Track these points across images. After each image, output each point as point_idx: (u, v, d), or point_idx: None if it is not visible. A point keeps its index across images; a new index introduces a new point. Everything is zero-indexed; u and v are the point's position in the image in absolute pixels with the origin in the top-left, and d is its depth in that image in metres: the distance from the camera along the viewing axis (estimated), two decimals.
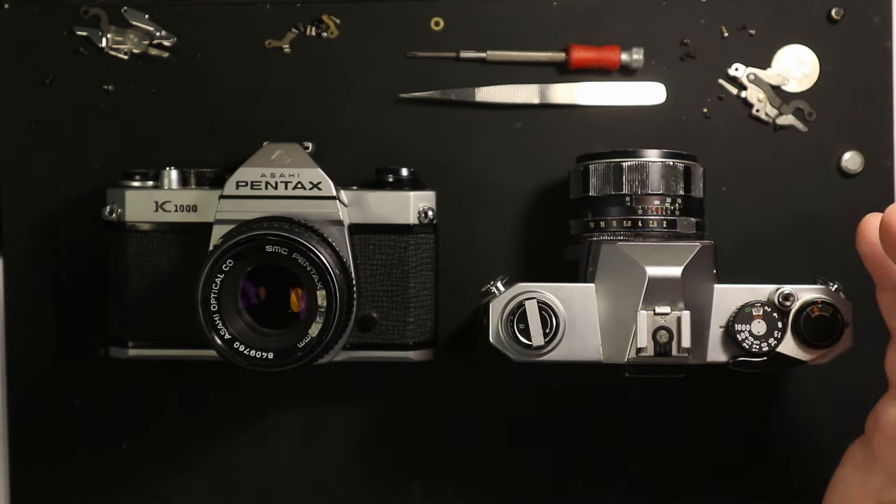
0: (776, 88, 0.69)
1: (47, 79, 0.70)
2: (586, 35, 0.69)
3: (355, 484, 0.71)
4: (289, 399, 0.70)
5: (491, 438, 0.70)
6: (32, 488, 0.71)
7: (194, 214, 0.64)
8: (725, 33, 0.69)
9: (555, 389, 0.70)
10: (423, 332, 0.65)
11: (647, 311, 0.57)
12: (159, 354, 0.65)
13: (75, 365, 0.70)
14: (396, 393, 0.70)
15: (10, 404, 0.70)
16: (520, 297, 0.58)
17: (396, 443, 0.70)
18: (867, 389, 0.59)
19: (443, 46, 0.69)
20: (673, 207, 0.61)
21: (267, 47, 0.70)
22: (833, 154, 0.69)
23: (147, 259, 0.64)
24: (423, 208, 0.64)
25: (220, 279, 0.57)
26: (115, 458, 0.70)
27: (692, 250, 0.58)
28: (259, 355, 0.58)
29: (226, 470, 0.70)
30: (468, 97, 0.69)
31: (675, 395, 0.70)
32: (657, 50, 0.69)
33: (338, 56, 0.70)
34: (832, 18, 0.69)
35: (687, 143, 0.68)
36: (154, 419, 0.70)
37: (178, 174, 0.65)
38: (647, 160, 0.61)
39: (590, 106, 0.69)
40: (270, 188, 0.62)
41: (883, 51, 0.69)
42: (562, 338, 0.58)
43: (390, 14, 0.70)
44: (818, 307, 0.58)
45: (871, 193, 0.69)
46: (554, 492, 0.70)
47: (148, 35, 0.69)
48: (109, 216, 0.64)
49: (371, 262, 0.64)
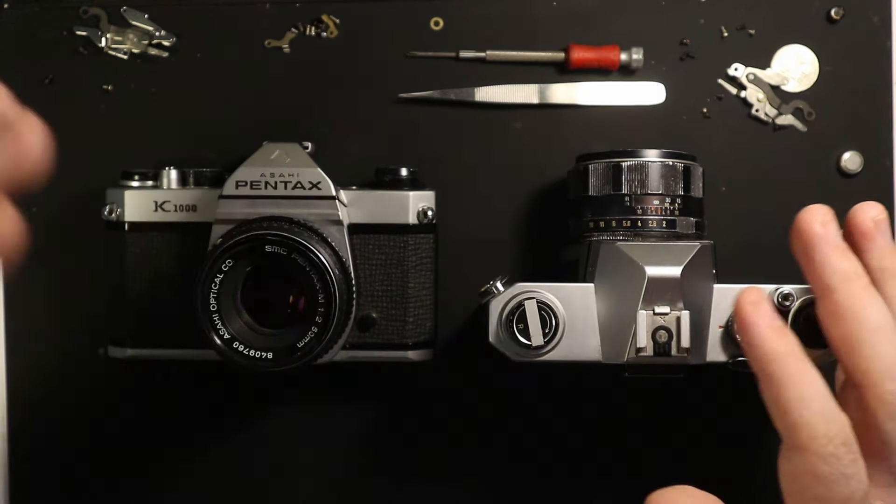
0: (776, 88, 0.69)
1: (47, 79, 0.70)
2: (586, 35, 0.69)
3: (355, 484, 0.71)
4: (289, 399, 0.70)
5: (491, 438, 0.70)
6: (33, 488, 0.71)
7: (194, 214, 0.64)
8: (725, 33, 0.69)
9: (554, 389, 0.70)
10: (422, 331, 0.65)
11: (646, 311, 0.57)
12: (159, 354, 0.65)
13: (75, 365, 0.70)
14: (396, 393, 0.70)
15: (10, 404, 0.70)
16: (519, 297, 0.58)
17: (396, 443, 0.70)
18: None
19: (442, 46, 0.70)
20: (672, 207, 0.61)
21: (267, 47, 0.70)
22: (833, 154, 0.69)
23: (147, 259, 0.64)
24: (422, 208, 0.64)
25: (220, 279, 0.58)
26: (116, 458, 0.70)
27: (692, 250, 0.58)
28: (259, 355, 0.58)
29: (226, 470, 0.70)
30: (468, 97, 0.69)
31: (674, 395, 0.70)
32: (657, 50, 0.69)
33: (338, 56, 0.70)
34: (832, 18, 0.69)
35: (686, 143, 0.68)
36: (154, 419, 0.70)
37: (177, 174, 0.65)
38: (646, 160, 0.61)
39: (589, 106, 0.69)
40: (270, 188, 0.62)
41: (882, 51, 0.69)
42: (561, 338, 0.58)
43: (390, 14, 0.70)
44: None
45: (871, 193, 0.69)
46: (554, 492, 0.70)
47: (148, 35, 0.69)
48: (109, 216, 0.64)
49: (370, 262, 0.64)
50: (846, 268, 0.49)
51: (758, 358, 0.48)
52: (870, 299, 0.49)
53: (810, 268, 0.50)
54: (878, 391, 0.48)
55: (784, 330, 0.49)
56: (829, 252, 0.50)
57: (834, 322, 0.49)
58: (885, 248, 0.52)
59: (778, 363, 0.48)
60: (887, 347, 0.48)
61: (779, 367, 0.48)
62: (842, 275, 0.49)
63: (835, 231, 0.50)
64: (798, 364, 0.48)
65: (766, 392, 0.48)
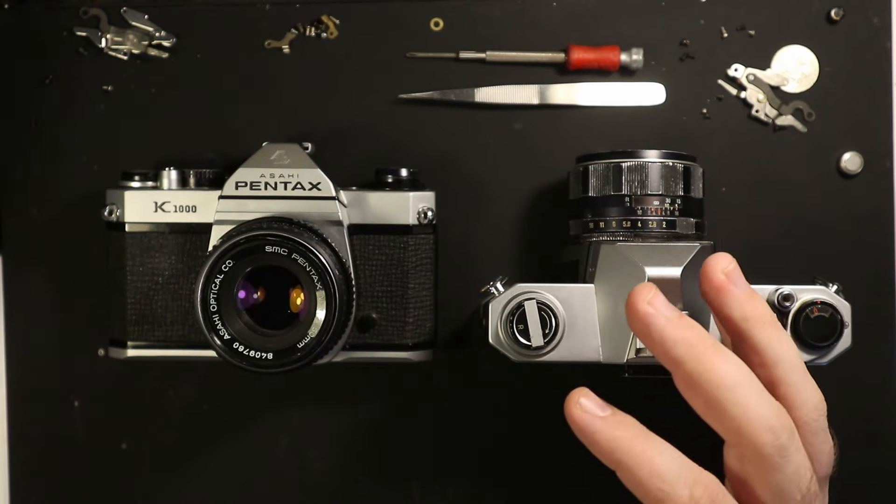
0: (776, 89, 0.69)
1: (47, 79, 0.70)
2: (586, 35, 0.69)
3: (355, 484, 0.71)
4: (289, 399, 0.70)
5: (491, 438, 0.70)
6: (33, 488, 0.71)
7: (194, 215, 0.64)
8: (725, 34, 0.70)
9: (554, 390, 0.70)
10: (422, 332, 0.65)
11: None
12: (159, 355, 0.65)
13: (75, 365, 0.70)
14: (396, 393, 0.70)
15: (10, 404, 0.71)
16: (519, 298, 0.58)
17: (396, 443, 0.70)
18: (867, 389, 0.59)
19: (442, 47, 0.70)
20: (672, 208, 0.61)
21: (267, 47, 0.70)
22: (832, 154, 0.69)
23: (147, 259, 0.64)
24: (422, 208, 0.64)
25: (220, 279, 0.57)
26: (115, 458, 0.70)
27: (692, 251, 0.58)
28: (259, 356, 0.58)
29: (226, 470, 0.70)
30: (468, 98, 0.69)
31: (674, 396, 0.70)
32: (657, 50, 0.69)
33: (338, 56, 0.70)
34: (831, 19, 0.69)
35: (686, 144, 0.68)
36: (154, 419, 0.70)
37: (177, 174, 0.65)
38: (646, 161, 0.61)
39: (589, 106, 0.69)
40: (270, 188, 0.62)
41: (882, 51, 0.69)
42: (561, 338, 0.58)
43: (390, 14, 0.70)
44: (817, 308, 0.58)
45: (871, 194, 0.69)
46: (554, 491, 0.70)
47: (147, 35, 0.69)
48: (109, 217, 0.64)
49: (370, 263, 0.64)
50: (686, 336, 0.49)
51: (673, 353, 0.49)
52: (719, 358, 0.48)
53: (654, 348, 0.50)
54: (755, 446, 0.48)
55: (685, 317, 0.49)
56: (664, 327, 0.49)
57: (693, 392, 0.49)
58: (742, 297, 0.51)
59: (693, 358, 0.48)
60: (752, 400, 0.48)
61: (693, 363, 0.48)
62: (684, 344, 0.49)
63: (663, 304, 0.49)
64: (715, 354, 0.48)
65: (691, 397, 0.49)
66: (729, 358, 0.49)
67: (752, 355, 0.51)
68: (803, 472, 0.49)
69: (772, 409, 0.48)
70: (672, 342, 0.49)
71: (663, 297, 0.50)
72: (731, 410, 0.48)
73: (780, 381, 0.50)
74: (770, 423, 0.48)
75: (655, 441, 0.49)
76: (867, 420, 0.69)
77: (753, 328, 0.51)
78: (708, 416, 0.49)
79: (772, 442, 0.48)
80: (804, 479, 0.49)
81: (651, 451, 0.48)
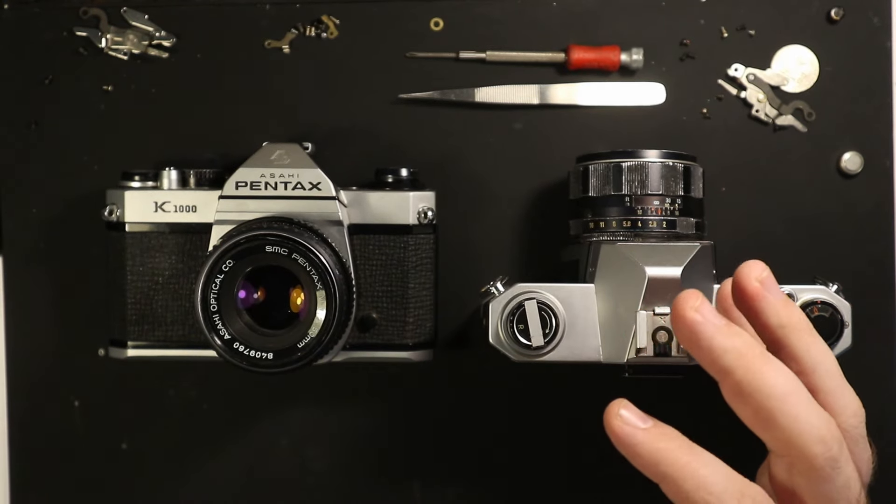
0: (776, 89, 0.69)
1: (47, 79, 0.70)
2: (586, 35, 0.69)
3: (355, 484, 0.71)
4: (289, 399, 0.70)
5: (491, 438, 0.70)
6: (33, 488, 0.71)
7: (194, 215, 0.64)
8: (725, 34, 0.70)
9: (554, 390, 0.70)
10: (422, 332, 0.65)
11: (646, 312, 0.57)
12: (159, 355, 0.65)
13: (75, 365, 0.70)
14: (396, 393, 0.70)
15: (10, 404, 0.71)
16: (519, 298, 0.58)
17: (396, 443, 0.70)
18: (867, 389, 0.59)
19: (442, 47, 0.70)
20: (672, 208, 0.61)
21: (267, 47, 0.70)
22: (833, 154, 0.69)
23: (147, 259, 0.64)
24: (422, 208, 0.64)
25: (220, 279, 0.57)
26: (115, 458, 0.70)
27: (692, 250, 0.58)
28: (259, 356, 0.58)
29: (226, 470, 0.70)
30: (468, 97, 0.69)
31: (674, 396, 0.70)
32: (657, 50, 0.69)
33: (338, 56, 0.70)
34: (832, 19, 0.69)
35: (686, 144, 0.68)
36: (154, 419, 0.70)
37: (177, 174, 0.65)
38: (646, 160, 0.61)
39: (589, 106, 0.69)
40: (270, 188, 0.62)
41: (882, 51, 0.69)
42: (561, 338, 0.58)
43: (390, 14, 0.70)
44: (818, 307, 0.58)
45: (871, 194, 0.69)
46: (554, 491, 0.70)
47: (147, 35, 0.69)
48: (109, 217, 0.64)
49: (371, 263, 0.64)
50: (735, 344, 0.48)
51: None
52: (769, 367, 0.47)
53: (701, 356, 0.49)
54: (806, 457, 0.47)
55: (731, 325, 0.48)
56: (712, 335, 0.48)
57: (742, 401, 0.48)
58: (777, 305, 0.50)
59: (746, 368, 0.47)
60: (801, 410, 0.47)
61: (746, 375, 0.47)
62: (733, 353, 0.47)
63: (710, 313, 0.48)
64: (762, 359, 0.47)
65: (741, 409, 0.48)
66: (779, 367, 0.47)
67: (790, 363, 0.49)
68: (853, 483, 0.48)
69: (822, 420, 0.47)
70: (722, 351, 0.48)
71: (710, 305, 0.49)
72: (782, 421, 0.47)
73: (818, 389, 0.49)
74: (821, 434, 0.47)
75: (700, 452, 0.48)
76: (867, 420, 0.69)
77: (791, 335, 0.50)
78: (756, 426, 0.48)
79: (823, 453, 0.47)
80: (854, 491, 0.48)
81: (696, 463, 0.47)
